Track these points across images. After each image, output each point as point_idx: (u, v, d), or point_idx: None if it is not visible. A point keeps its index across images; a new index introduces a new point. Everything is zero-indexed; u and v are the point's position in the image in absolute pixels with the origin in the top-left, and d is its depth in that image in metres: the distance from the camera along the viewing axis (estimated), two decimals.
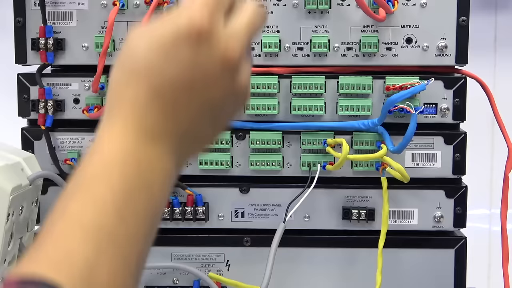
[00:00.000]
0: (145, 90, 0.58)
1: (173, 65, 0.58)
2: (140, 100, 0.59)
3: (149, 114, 0.59)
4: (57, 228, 0.53)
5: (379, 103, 0.89)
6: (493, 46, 1.61)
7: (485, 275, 1.54)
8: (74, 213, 0.55)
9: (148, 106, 0.59)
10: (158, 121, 0.59)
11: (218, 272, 0.91)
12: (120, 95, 0.59)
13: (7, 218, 0.71)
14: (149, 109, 0.59)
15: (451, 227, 0.91)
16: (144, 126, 0.58)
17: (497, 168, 1.54)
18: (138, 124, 0.58)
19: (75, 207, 0.55)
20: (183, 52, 0.57)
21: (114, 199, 0.55)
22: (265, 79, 0.88)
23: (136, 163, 0.57)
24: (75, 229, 0.53)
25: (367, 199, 0.91)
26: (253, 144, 0.90)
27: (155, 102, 0.59)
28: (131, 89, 0.59)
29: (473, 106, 0.91)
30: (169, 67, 0.58)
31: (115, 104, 0.60)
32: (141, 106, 0.59)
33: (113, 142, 0.57)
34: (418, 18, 0.88)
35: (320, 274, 0.92)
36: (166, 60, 0.58)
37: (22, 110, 0.91)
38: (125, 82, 0.59)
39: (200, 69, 0.58)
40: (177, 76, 0.58)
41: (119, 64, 0.61)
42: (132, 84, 0.59)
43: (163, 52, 0.58)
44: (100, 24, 0.89)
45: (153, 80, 0.58)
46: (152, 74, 0.58)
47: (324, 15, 0.89)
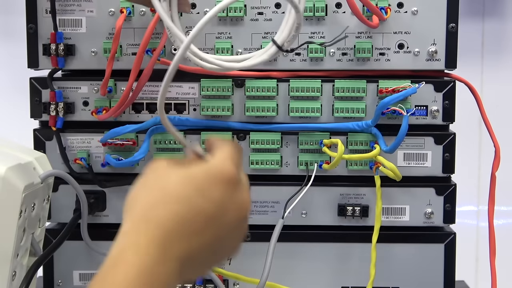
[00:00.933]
0: (173, 215, 0.62)
1: (201, 198, 0.63)
2: (166, 223, 0.62)
3: (173, 238, 0.62)
4: None
5: (373, 106, 0.88)
6: (481, 51, 1.61)
7: (473, 269, 1.54)
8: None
9: (173, 231, 0.62)
10: (177, 245, 0.62)
11: (220, 265, 0.91)
12: (147, 215, 0.62)
13: (20, 215, 0.71)
14: (173, 233, 0.62)
15: (441, 223, 0.91)
16: (166, 247, 0.61)
17: (484, 167, 1.53)
18: (162, 244, 0.61)
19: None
20: (214, 190, 0.63)
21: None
22: (264, 82, 0.88)
23: (156, 272, 0.59)
24: None
25: (361, 196, 0.90)
26: (253, 144, 0.89)
27: (179, 227, 0.62)
28: (161, 211, 0.62)
29: (461, 108, 0.91)
30: (197, 199, 0.63)
31: (142, 222, 0.62)
32: (166, 229, 0.62)
33: (138, 255, 0.59)
34: (410, 25, 0.88)
35: (316, 268, 0.91)
36: (196, 193, 0.63)
37: (34, 112, 0.91)
38: (152, 203, 0.63)
39: (223, 207, 0.64)
40: (202, 208, 0.63)
41: (145, 187, 0.65)
42: (160, 207, 0.62)
43: (194, 186, 0.63)
44: (108, 31, 0.89)
45: (181, 207, 0.62)
46: (181, 201, 0.62)
47: (320, 22, 0.88)
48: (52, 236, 0.87)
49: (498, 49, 1.63)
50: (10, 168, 0.70)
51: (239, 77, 0.88)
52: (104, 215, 0.92)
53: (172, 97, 0.90)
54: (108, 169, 0.91)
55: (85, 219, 0.87)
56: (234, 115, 0.89)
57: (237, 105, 0.89)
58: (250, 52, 0.88)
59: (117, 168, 0.90)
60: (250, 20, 0.89)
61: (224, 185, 0.65)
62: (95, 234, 0.89)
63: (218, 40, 0.89)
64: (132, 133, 0.89)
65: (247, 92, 0.89)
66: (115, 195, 0.92)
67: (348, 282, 0.92)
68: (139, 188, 0.65)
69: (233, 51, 0.89)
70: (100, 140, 0.90)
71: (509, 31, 1.63)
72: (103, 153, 0.91)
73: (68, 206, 0.91)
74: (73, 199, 0.90)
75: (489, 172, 0.90)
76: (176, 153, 0.90)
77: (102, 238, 0.91)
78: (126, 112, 0.90)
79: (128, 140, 0.89)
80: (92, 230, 0.89)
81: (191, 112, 0.90)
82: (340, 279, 0.92)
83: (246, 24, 0.89)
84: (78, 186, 0.83)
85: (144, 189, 0.65)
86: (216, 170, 0.65)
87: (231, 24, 0.88)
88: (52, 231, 0.90)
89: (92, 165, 0.91)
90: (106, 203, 0.92)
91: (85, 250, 0.92)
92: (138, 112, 0.90)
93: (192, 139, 0.90)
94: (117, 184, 0.91)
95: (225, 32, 0.89)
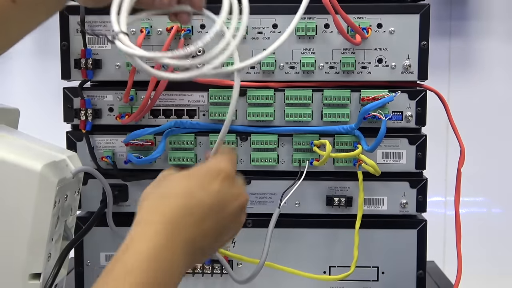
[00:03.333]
0: (177, 207, 0.62)
1: (202, 191, 0.64)
2: (174, 213, 0.62)
3: (178, 227, 0.62)
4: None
5: (356, 111, 0.88)
6: (448, 65, 1.61)
7: (441, 251, 1.53)
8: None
9: (180, 219, 0.63)
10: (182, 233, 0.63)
11: (226, 248, 0.91)
12: (156, 208, 0.63)
13: (54, 205, 0.71)
14: (178, 223, 0.62)
15: (414, 211, 0.90)
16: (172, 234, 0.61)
17: (450, 164, 1.53)
18: (170, 233, 0.61)
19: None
20: (213, 184, 0.65)
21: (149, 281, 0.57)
22: (263, 92, 0.88)
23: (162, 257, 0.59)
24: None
25: (346, 189, 0.90)
26: (253, 145, 0.89)
27: (186, 217, 0.63)
28: (167, 204, 0.63)
29: (431, 114, 0.90)
30: (199, 193, 0.64)
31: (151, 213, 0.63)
32: (174, 218, 0.62)
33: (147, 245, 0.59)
34: (387, 43, 0.88)
35: (308, 250, 0.91)
36: (197, 187, 0.64)
37: (66, 117, 0.90)
38: (161, 199, 0.64)
39: (222, 198, 0.65)
40: (204, 199, 0.64)
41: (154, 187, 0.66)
42: (166, 200, 0.63)
43: (195, 182, 0.65)
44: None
45: (184, 200, 0.63)
46: (184, 195, 0.63)
47: (311, 40, 0.88)
48: (82, 222, 0.87)
49: (463, 63, 1.64)
50: (46, 165, 0.70)
51: (242, 87, 0.88)
52: (127, 205, 0.92)
53: (185, 104, 0.90)
54: (130, 166, 0.91)
55: (110, 208, 0.86)
56: (238, 120, 0.89)
57: (240, 111, 0.89)
58: (251, 66, 0.88)
59: (137, 165, 0.90)
60: (252, 38, 0.88)
61: (221, 180, 0.65)
62: (118, 221, 0.89)
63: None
64: (150, 135, 0.88)
65: (249, 100, 0.88)
66: (136, 188, 0.91)
67: (335, 262, 0.91)
68: (150, 188, 0.66)
69: None
70: (123, 141, 0.90)
71: (472, 48, 1.63)
72: (126, 152, 0.90)
73: (95, 197, 0.91)
74: (100, 191, 0.90)
75: (455, 168, 0.90)
76: (188, 152, 0.90)
77: (125, 224, 0.90)
78: (145, 117, 0.90)
79: (147, 141, 0.89)
80: (116, 218, 0.88)
81: (201, 117, 0.90)
82: (328, 259, 0.91)
83: (248, 42, 0.88)
84: (104, 180, 0.83)
85: (154, 188, 0.65)
86: (214, 167, 0.66)
87: None
88: (82, 219, 0.90)
89: (116, 162, 0.91)
90: (128, 195, 0.92)
91: (110, 235, 0.92)
92: (156, 117, 0.90)
93: (202, 141, 0.90)
94: (137, 178, 0.91)
95: None
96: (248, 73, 0.89)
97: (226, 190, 0.66)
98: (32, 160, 0.70)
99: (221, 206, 0.65)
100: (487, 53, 1.68)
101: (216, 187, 0.65)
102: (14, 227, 0.69)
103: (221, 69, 0.70)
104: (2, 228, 0.69)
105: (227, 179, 0.66)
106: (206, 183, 0.65)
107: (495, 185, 1.62)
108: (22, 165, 0.69)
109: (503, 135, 1.66)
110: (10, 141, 0.73)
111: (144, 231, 0.61)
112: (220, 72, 0.70)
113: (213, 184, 0.65)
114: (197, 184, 0.65)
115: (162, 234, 0.61)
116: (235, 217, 0.68)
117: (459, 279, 0.88)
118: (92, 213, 0.90)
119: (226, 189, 0.66)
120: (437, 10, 1.58)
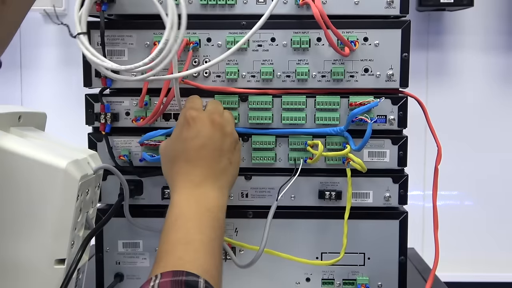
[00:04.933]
0: (182, 162, 0.73)
1: (186, 142, 0.74)
2: (182, 169, 0.72)
3: (191, 173, 0.72)
4: (169, 247, 0.65)
5: (345, 115, 0.88)
6: (426, 74, 1.61)
7: (420, 239, 1.53)
8: (177, 238, 0.66)
9: (188, 169, 0.72)
10: (198, 174, 0.72)
11: (229, 236, 0.90)
12: (170, 174, 0.74)
13: (77, 198, 0.70)
14: (190, 170, 0.72)
15: (397, 204, 0.90)
16: (192, 181, 0.71)
17: (428, 161, 1.53)
18: (189, 182, 0.72)
19: (176, 235, 0.66)
20: (187, 131, 0.75)
21: (195, 226, 0.66)
22: (263, 98, 0.88)
23: (197, 201, 0.68)
24: (180, 246, 0.65)
25: (336, 184, 0.90)
26: (254, 145, 0.89)
27: (190, 165, 0.71)
28: (173, 167, 0.74)
29: (412, 117, 0.90)
30: (186, 144, 0.74)
31: (173, 179, 0.75)
32: (184, 171, 0.71)
33: (181, 196, 0.70)
34: (373, 54, 0.87)
35: (302, 238, 0.91)
36: (182, 142, 0.75)
37: (88, 120, 0.90)
38: (169, 166, 0.75)
39: (201, 137, 0.74)
40: (192, 147, 0.74)
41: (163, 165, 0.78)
42: (172, 164, 0.75)
43: (178, 139, 0.75)
44: (144, 58, 0.88)
45: (181, 154, 0.73)
46: (180, 154, 0.74)
47: (305, 52, 0.88)
48: (102, 214, 0.87)
49: (439, 72, 1.64)
50: (70, 163, 0.70)
51: (244, 93, 0.88)
52: (142, 198, 0.91)
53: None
54: (144, 163, 0.90)
55: (127, 201, 0.86)
56: (240, 122, 0.89)
57: (242, 115, 0.89)
58: (252, 75, 0.87)
59: (151, 163, 0.89)
60: (252, 51, 0.88)
61: (188, 124, 0.75)
62: (134, 212, 0.89)
63: (228, 65, 0.88)
64: (162, 136, 0.88)
65: (250, 105, 0.88)
66: (150, 183, 0.91)
67: (326, 249, 0.91)
68: (169, 146, 0.77)
69: (239, 74, 0.88)
70: (139, 141, 0.89)
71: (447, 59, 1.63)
72: (141, 151, 0.90)
73: (114, 191, 0.90)
74: (118, 186, 0.90)
75: (432, 165, 0.89)
76: None
77: (140, 215, 0.91)
78: (158, 120, 0.90)
79: (160, 141, 0.88)
80: (132, 210, 0.88)
81: None
82: (320, 246, 0.91)
83: (249, 54, 0.88)
84: (121, 176, 0.83)
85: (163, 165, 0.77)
86: (180, 120, 0.77)
87: (237, 54, 0.88)
88: (102, 210, 0.89)
89: (132, 160, 0.90)
90: (143, 189, 0.91)
91: (127, 225, 0.91)
92: (167, 120, 0.90)
93: None
94: (151, 174, 0.90)
95: (233, 60, 0.88)
96: (249, 81, 0.88)
97: (198, 129, 0.75)
98: (57, 159, 0.70)
99: (204, 141, 0.75)
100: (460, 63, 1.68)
101: (191, 133, 0.75)
102: (42, 218, 0.69)
103: (161, 77, 0.80)
104: (31, 219, 0.69)
105: (193, 121, 0.76)
106: (184, 136, 0.75)
107: (468, 180, 1.62)
108: (49, 163, 0.69)
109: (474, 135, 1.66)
110: (39, 141, 0.73)
111: (179, 190, 0.72)
112: (161, 78, 0.80)
113: (188, 132, 0.75)
114: (180, 141, 0.75)
115: (186, 183, 0.71)
116: (219, 133, 0.76)
117: (436, 264, 0.87)
118: (110, 205, 0.90)
119: (197, 128, 0.75)
120: (416, 25, 1.59)
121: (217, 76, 0.88)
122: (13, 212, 0.68)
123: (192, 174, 0.72)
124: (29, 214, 0.68)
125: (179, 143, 0.74)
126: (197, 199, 0.70)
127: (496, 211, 1.64)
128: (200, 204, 0.69)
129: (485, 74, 1.66)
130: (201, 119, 0.76)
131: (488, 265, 1.63)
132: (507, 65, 1.66)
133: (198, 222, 0.66)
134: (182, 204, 0.69)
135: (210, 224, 0.67)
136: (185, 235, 0.64)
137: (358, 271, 0.91)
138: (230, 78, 0.88)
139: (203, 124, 0.75)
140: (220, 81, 0.88)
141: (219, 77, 0.88)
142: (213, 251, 0.64)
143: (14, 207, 0.68)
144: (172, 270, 0.58)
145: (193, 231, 0.65)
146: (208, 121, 0.76)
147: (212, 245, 0.65)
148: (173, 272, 0.58)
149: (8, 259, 0.68)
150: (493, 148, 1.64)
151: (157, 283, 0.56)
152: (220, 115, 0.78)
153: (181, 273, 0.58)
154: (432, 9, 1.60)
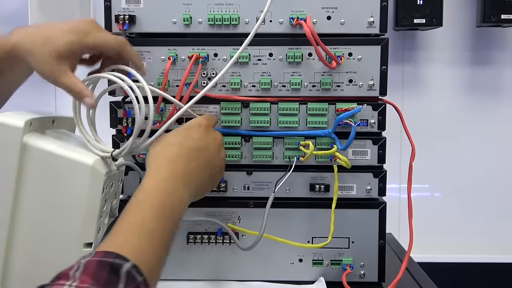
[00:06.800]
0: (174, 152, 0.68)
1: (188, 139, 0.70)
2: (171, 157, 0.67)
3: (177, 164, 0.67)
4: (122, 227, 0.59)
5: (332, 119, 0.87)
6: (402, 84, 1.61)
7: (397, 225, 1.53)
8: (131, 220, 0.60)
9: (175, 160, 0.67)
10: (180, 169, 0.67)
11: (233, 223, 0.90)
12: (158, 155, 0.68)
13: (103, 191, 0.70)
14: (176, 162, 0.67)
15: (377, 195, 0.90)
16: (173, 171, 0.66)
17: (403, 159, 1.53)
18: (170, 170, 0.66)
19: (131, 217, 0.60)
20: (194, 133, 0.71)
21: (153, 213, 0.60)
22: (262, 104, 0.88)
23: (166, 191, 0.63)
24: (131, 229, 0.58)
25: (325, 178, 0.89)
26: (254, 145, 0.89)
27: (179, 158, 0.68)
28: (165, 152, 0.68)
29: (389, 121, 0.90)
30: (186, 141, 0.70)
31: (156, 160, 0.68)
32: (171, 160, 0.67)
33: (154, 181, 0.64)
34: (356, 67, 0.87)
35: (296, 225, 0.90)
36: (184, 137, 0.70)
37: (112, 123, 0.90)
38: (161, 149, 0.69)
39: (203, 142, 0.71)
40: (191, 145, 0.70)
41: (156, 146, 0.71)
42: (166, 149, 0.69)
43: (183, 133, 0.71)
44: (160, 71, 0.88)
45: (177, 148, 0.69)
46: (178, 144, 0.70)
47: (298, 65, 0.88)
48: (124, 204, 0.86)
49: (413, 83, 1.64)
50: (96, 160, 0.70)
51: (246, 101, 0.88)
52: None
53: (202, 114, 0.89)
54: None
55: None
56: (242, 126, 0.89)
57: (244, 119, 0.89)
58: (253, 85, 0.87)
59: None
60: (253, 64, 0.88)
61: (200, 128, 0.72)
62: None
63: (232, 76, 0.88)
64: None
65: (251, 110, 0.88)
66: None
67: (316, 234, 0.91)
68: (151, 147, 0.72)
69: (242, 84, 0.88)
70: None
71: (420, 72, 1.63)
72: None
73: (134, 184, 0.90)
74: (138, 180, 0.89)
75: (407, 162, 0.89)
76: None
77: None
78: (172, 124, 0.89)
79: None
80: None
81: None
82: (311, 232, 0.91)
83: (250, 67, 0.88)
84: (141, 171, 0.83)
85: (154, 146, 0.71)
86: (194, 121, 0.74)
87: (240, 66, 0.88)
88: (124, 201, 0.88)
89: None
90: None
91: None
92: (180, 124, 0.90)
93: None
94: None
95: (236, 72, 0.88)
96: (250, 90, 0.88)
97: (205, 136, 0.72)
98: (86, 157, 0.70)
99: (202, 148, 0.71)
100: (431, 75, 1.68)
101: (198, 135, 0.71)
102: (72, 207, 0.69)
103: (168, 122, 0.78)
104: (64, 209, 0.69)
105: (205, 129, 0.72)
106: (189, 133, 0.71)
107: (437, 175, 1.62)
108: (78, 160, 0.69)
109: (443, 136, 1.66)
110: (70, 142, 0.73)
111: (151, 173, 0.65)
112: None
113: (195, 133, 0.71)
114: (184, 135, 0.71)
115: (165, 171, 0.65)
116: (216, 153, 0.73)
117: (410, 247, 0.87)
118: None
119: (204, 135, 0.72)
120: (393, 42, 1.59)
121: (223, 86, 0.88)
122: (50, 202, 0.68)
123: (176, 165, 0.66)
124: (63, 204, 0.69)
125: (181, 136, 0.71)
126: (167, 191, 0.63)
127: (461, 201, 1.65)
128: (167, 196, 0.62)
129: (452, 85, 1.67)
130: (210, 131, 0.74)
131: (455, 248, 1.63)
132: (471, 77, 1.66)
133: (156, 212, 0.60)
134: (151, 191, 0.62)
135: (168, 217, 0.61)
136: (141, 222, 0.58)
137: (343, 253, 0.91)
138: (234, 88, 0.88)
139: (209, 136, 0.73)
140: (226, 90, 0.88)
141: (224, 87, 0.88)
142: (161, 242, 0.58)
143: (52, 198, 0.68)
144: (105, 250, 0.52)
145: (149, 219, 0.59)
146: (214, 137, 0.73)
147: (161, 236, 0.58)
148: (104, 253, 0.52)
149: (50, 235, 0.68)
150: (458, 148, 1.65)
151: (86, 261, 0.50)
152: (223, 146, 0.77)
153: (111, 254, 0.52)
154: (407, 28, 1.60)
